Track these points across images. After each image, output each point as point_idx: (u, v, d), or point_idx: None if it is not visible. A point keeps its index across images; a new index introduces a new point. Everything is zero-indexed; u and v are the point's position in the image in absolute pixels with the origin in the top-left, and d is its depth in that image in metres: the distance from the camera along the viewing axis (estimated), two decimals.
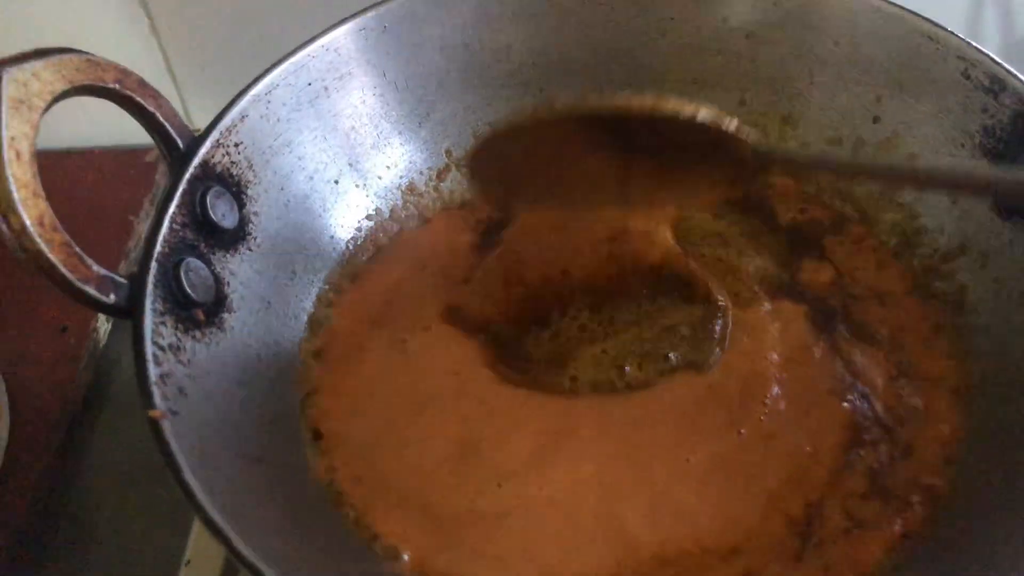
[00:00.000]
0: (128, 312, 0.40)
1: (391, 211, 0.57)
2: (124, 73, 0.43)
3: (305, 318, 0.51)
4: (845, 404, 0.47)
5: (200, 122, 0.80)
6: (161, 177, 0.78)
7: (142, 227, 0.74)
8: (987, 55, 0.48)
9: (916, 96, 0.52)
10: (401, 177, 0.58)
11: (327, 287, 0.53)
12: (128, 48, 0.72)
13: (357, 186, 0.56)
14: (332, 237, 0.54)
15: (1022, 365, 0.44)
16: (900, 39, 0.51)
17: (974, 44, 0.49)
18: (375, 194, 0.57)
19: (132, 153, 0.80)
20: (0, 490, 0.55)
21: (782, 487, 0.44)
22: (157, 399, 0.37)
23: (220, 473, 0.38)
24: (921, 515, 0.43)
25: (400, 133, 0.57)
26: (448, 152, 0.59)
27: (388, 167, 0.57)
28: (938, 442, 0.45)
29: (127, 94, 0.43)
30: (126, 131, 0.79)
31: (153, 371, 0.38)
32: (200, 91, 0.76)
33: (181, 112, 0.76)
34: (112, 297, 0.40)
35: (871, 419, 0.46)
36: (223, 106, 0.75)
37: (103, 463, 0.61)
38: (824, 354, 0.48)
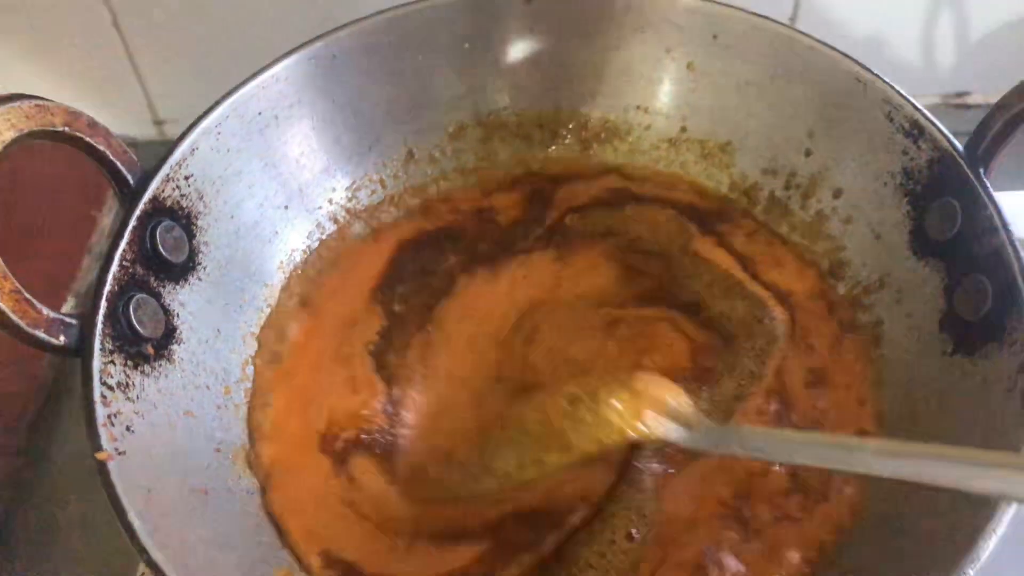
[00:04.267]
0: (78, 352, 0.42)
1: (340, 233, 0.59)
2: (73, 115, 0.45)
3: (255, 343, 0.53)
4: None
5: (165, 113, 0.82)
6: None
7: (105, 221, 0.75)
8: (910, 101, 0.50)
9: (844, 134, 0.54)
10: (350, 200, 0.59)
11: (276, 310, 0.55)
12: (91, 41, 0.73)
13: (308, 210, 0.57)
14: (282, 261, 0.56)
15: (922, 404, 0.47)
16: (831, 78, 0.54)
17: (898, 89, 0.51)
18: (324, 217, 0.58)
19: None
20: None
21: (710, 472, 0.48)
22: (104, 441, 0.39)
23: (166, 509, 0.40)
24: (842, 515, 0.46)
25: (349, 159, 0.59)
26: (396, 176, 0.61)
27: (337, 191, 0.59)
28: None
29: (77, 135, 0.45)
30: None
31: (101, 412, 0.40)
32: (164, 82, 0.77)
33: (145, 104, 0.79)
34: (62, 339, 0.42)
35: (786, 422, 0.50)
36: (187, 96, 0.77)
37: (63, 467, 0.62)
38: None
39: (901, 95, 0.50)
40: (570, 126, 0.62)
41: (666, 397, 0.44)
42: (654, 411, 0.44)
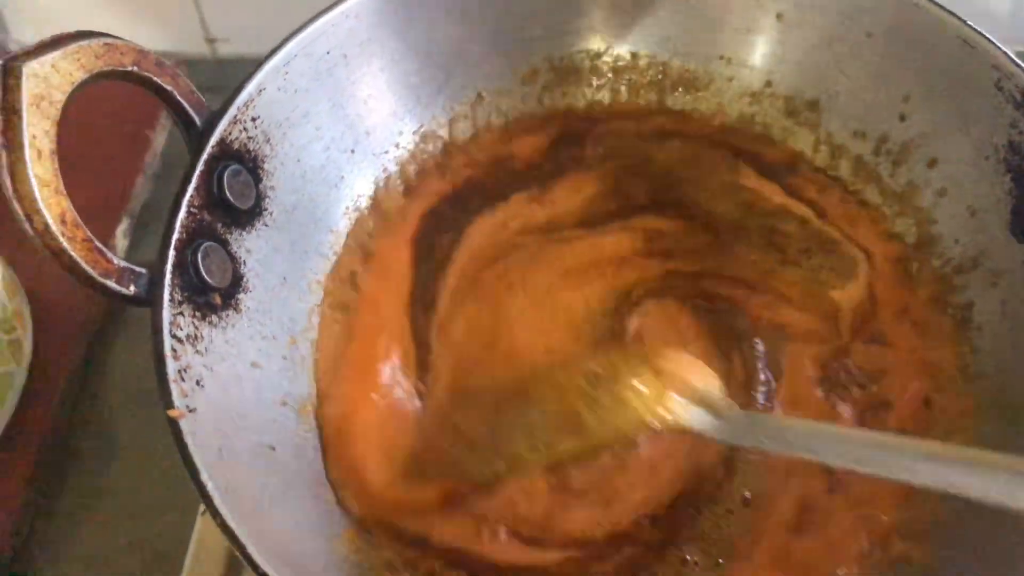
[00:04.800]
0: (147, 302, 0.41)
1: (406, 178, 0.57)
2: (142, 54, 0.43)
3: (320, 291, 0.52)
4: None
5: (216, 31, 0.80)
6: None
7: (159, 141, 0.74)
8: (1023, 69, 0.47)
9: (945, 100, 0.51)
10: (418, 144, 0.57)
11: (342, 258, 0.53)
12: None
13: (374, 154, 0.55)
14: (347, 207, 0.54)
15: (1020, 399, 0.45)
16: (936, 40, 0.50)
17: (1011, 56, 0.47)
18: (391, 162, 0.56)
19: None
20: (26, 402, 0.58)
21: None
22: (176, 397, 0.39)
23: (236, 467, 0.40)
24: None
25: (418, 100, 0.56)
26: (466, 118, 0.58)
27: (404, 134, 0.57)
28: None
29: (145, 75, 0.43)
30: (140, 37, 0.79)
31: (172, 367, 0.39)
32: None
33: (198, 21, 0.77)
34: (132, 289, 0.41)
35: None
36: (240, 14, 0.75)
37: (124, 378, 0.63)
38: None
39: (1015, 62, 0.47)
40: (648, 74, 0.59)
41: (694, 379, 0.41)
42: (680, 394, 0.40)
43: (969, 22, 0.49)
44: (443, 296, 0.53)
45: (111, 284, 0.40)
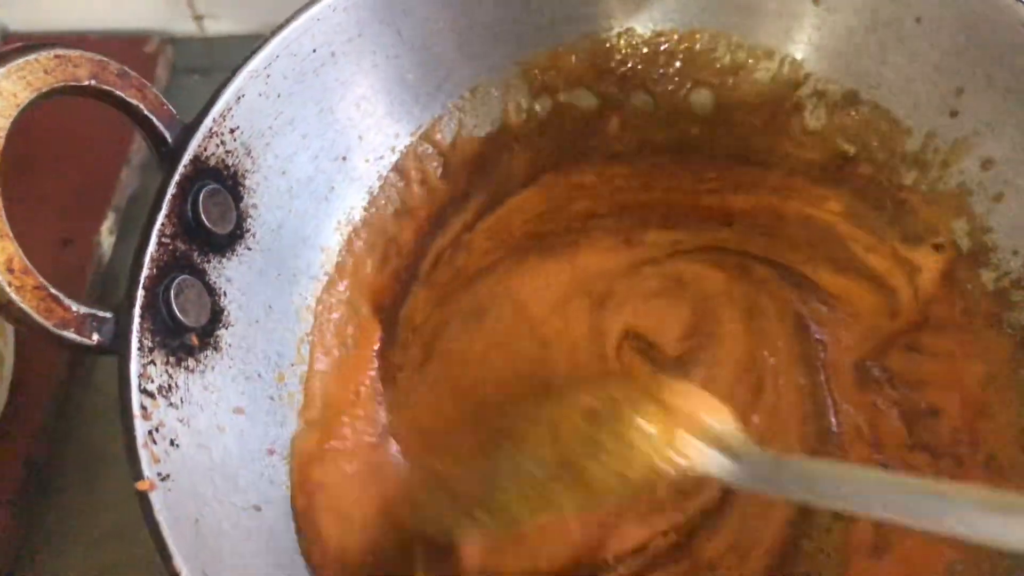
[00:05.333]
0: (113, 350, 0.37)
1: (405, 187, 0.52)
2: (100, 65, 0.38)
3: (311, 318, 0.47)
4: None
5: (203, 6, 0.75)
6: (163, 71, 0.73)
7: None
8: None
9: (1004, 94, 0.45)
10: (417, 148, 0.52)
11: (333, 278, 0.49)
12: None
13: (367, 161, 0.50)
14: (340, 221, 0.49)
15: None
16: (997, 27, 0.45)
17: None
18: (387, 168, 0.51)
19: (129, 42, 0.75)
20: (8, 416, 0.55)
21: None
22: (146, 465, 0.34)
23: (216, 541, 0.35)
24: None
25: (417, 99, 0.51)
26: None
27: (400, 136, 0.52)
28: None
29: (105, 89, 0.38)
30: (122, 15, 0.74)
31: (141, 429, 0.35)
32: None
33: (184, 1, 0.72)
34: (95, 338, 0.36)
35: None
36: None
37: (110, 389, 0.59)
38: None
39: None
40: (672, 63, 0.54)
41: (705, 415, 0.35)
42: (691, 433, 0.34)
43: None
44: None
45: (69, 335, 0.35)
